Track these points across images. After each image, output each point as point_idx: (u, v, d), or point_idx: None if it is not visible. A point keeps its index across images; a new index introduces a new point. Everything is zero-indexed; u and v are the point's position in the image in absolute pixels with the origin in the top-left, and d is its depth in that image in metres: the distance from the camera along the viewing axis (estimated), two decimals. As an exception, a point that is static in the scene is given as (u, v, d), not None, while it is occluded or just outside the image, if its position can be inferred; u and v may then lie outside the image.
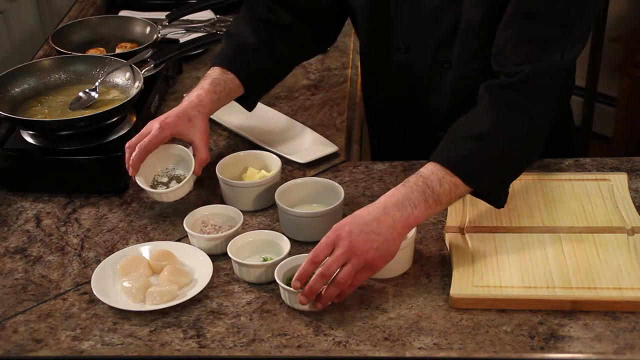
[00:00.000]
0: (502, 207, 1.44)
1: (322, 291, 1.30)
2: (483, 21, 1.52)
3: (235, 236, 1.44)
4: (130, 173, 1.53)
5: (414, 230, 1.40)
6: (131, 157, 1.52)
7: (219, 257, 1.45)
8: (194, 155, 1.55)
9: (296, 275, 1.30)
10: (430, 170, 1.37)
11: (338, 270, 1.29)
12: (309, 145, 1.75)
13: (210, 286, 1.38)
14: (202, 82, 1.62)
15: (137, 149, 1.52)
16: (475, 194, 1.42)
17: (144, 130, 1.54)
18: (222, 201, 1.60)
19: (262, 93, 1.75)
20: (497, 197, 1.43)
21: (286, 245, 1.41)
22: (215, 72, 1.63)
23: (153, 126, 1.53)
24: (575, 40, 1.44)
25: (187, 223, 1.48)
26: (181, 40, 2.11)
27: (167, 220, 1.56)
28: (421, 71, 1.66)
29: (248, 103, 1.71)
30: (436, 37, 1.60)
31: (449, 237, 1.45)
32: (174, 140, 1.57)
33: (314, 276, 1.29)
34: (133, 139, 1.54)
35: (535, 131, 1.43)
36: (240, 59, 1.65)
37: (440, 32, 1.59)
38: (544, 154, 1.68)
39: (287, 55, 1.73)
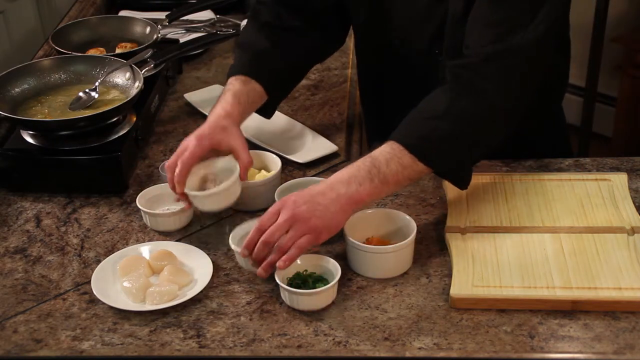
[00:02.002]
0: (465, 188, 1.47)
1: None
2: (464, 13, 1.53)
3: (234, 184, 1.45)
4: (177, 191, 1.48)
5: (414, 231, 1.40)
6: (175, 175, 1.46)
7: (219, 257, 1.45)
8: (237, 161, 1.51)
9: (244, 243, 1.35)
10: (380, 151, 1.40)
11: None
12: (309, 145, 1.75)
13: (210, 286, 1.38)
14: (224, 96, 1.57)
15: (179, 165, 1.46)
16: (437, 173, 1.45)
17: (180, 149, 1.49)
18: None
19: (282, 98, 1.75)
20: (456, 177, 1.46)
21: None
22: (234, 84, 1.60)
23: (189, 141, 1.49)
24: (539, 20, 1.43)
25: (189, 185, 1.47)
26: (181, 40, 2.11)
27: (167, 220, 1.56)
28: (416, 65, 1.67)
29: (268, 110, 1.69)
30: (429, 30, 1.62)
31: (449, 237, 1.45)
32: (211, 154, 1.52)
33: (260, 241, 1.34)
34: (172, 159, 1.48)
35: (493, 111, 1.43)
36: (259, 65, 1.63)
37: (432, 25, 1.61)
38: (543, 154, 1.68)
39: (301, 59, 1.73)
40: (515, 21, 1.43)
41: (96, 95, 1.72)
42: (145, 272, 1.40)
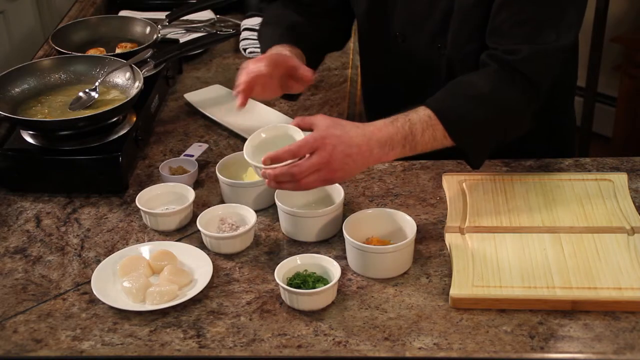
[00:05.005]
0: (478, 168, 1.52)
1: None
2: (475, 5, 1.55)
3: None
4: (240, 100, 1.52)
5: (414, 231, 1.40)
6: (241, 82, 1.53)
7: (219, 257, 1.45)
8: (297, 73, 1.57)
9: (272, 154, 1.35)
10: (419, 117, 1.43)
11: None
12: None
13: (210, 286, 1.38)
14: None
15: (245, 75, 1.53)
16: (454, 149, 1.48)
17: (241, 73, 1.54)
18: (222, 201, 1.60)
19: (315, 68, 1.76)
20: (475, 157, 1.51)
21: None
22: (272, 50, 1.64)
23: (249, 63, 1.55)
24: (569, 21, 1.49)
25: (201, 222, 1.48)
26: (181, 40, 2.11)
27: (167, 220, 1.56)
28: (419, 59, 1.68)
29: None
30: (432, 24, 1.63)
31: (449, 237, 1.45)
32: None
33: (284, 168, 1.34)
34: (241, 79, 1.53)
35: (526, 107, 1.50)
36: (295, 34, 1.69)
37: (435, 19, 1.62)
38: (544, 154, 1.68)
39: (325, 39, 1.79)
40: (546, 21, 1.48)
41: (96, 95, 1.72)
42: (145, 272, 1.40)
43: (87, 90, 1.73)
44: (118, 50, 1.96)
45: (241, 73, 1.55)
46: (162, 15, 2.16)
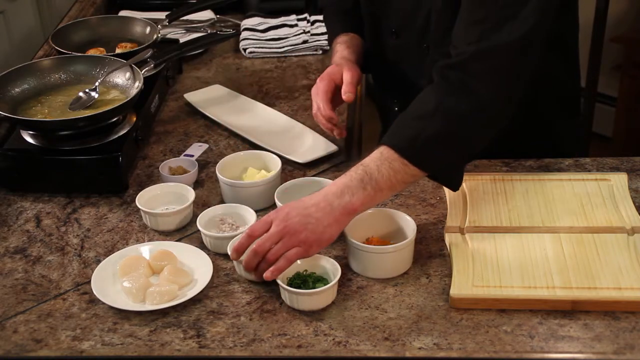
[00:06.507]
0: (457, 189, 1.48)
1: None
2: (444, 7, 1.54)
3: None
4: (332, 122, 1.66)
5: (414, 231, 1.40)
6: (322, 112, 1.65)
7: (219, 257, 1.45)
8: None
9: (233, 246, 1.37)
10: (371, 157, 1.40)
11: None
12: (309, 145, 1.75)
13: (210, 286, 1.38)
14: (334, 50, 1.79)
15: (319, 104, 1.66)
16: (428, 175, 1.44)
17: (314, 92, 1.68)
18: (222, 201, 1.60)
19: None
20: (447, 178, 1.46)
21: None
22: (338, 41, 1.80)
23: (317, 85, 1.68)
24: (524, 17, 1.41)
25: (201, 222, 1.48)
26: (181, 40, 2.11)
27: (167, 220, 1.56)
28: (410, 56, 1.69)
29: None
30: (418, 23, 1.63)
31: (449, 237, 1.45)
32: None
33: (248, 251, 1.35)
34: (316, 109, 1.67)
35: (482, 110, 1.41)
36: (350, 21, 1.83)
37: (421, 18, 1.62)
38: (547, 152, 1.68)
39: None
40: (500, 18, 1.41)
41: (96, 95, 1.72)
42: (145, 272, 1.40)
43: (87, 90, 1.73)
44: (118, 50, 1.96)
45: (320, 98, 1.66)
46: (162, 15, 2.16)
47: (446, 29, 1.52)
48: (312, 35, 2.24)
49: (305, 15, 2.34)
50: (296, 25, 2.29)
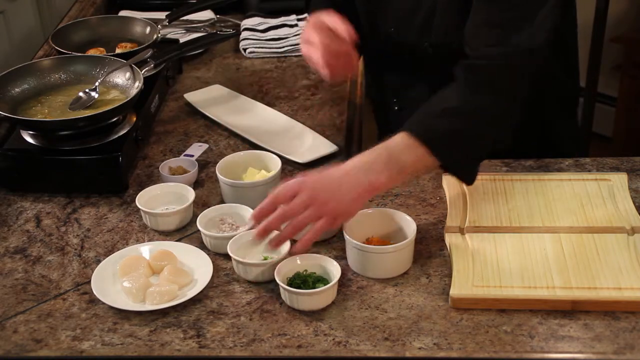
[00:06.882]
0: (471, 184, 1.49)
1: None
2: (450, 5, 1.55)
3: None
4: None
5: (414, 231, 1.40)
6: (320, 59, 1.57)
7: (219, 257, 1.45)
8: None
9: (255, 212, 1.34)
10: (395, 142, 1.40)
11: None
12: (309, 145, 1.75)
13: (210, 286, 1.38)
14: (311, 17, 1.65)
15: (317, 55, 1.56)
16: (443, 168, 1.46)
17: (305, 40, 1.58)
18: (222, 201, 1.60)
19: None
20: (464, 172, 1.47)
21: (286, 244, 1.41)
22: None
23: (309, 33, 1.57)
24: (540, 22, 1.45)
25: (201, 222, 1.48)
26: (181, 40, 2.12)
27: (167, 220, 1.56)
28: (409, 54, 1.69)
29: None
30: (418, 21, 1.63)
31: (449, 237, 1.45)
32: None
33: (275, 214, 1.33)
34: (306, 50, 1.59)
35: (503, 111, 1.46)
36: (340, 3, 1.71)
37: (421, 16, 1.62)
38: (547, 152, 1.69)
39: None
40: (517, 23, 1.45)
41: (96, 95, 1.72)
42: (145, 272, 1.40)
43: (87, 90, 1.73)
44: (118, 50, 1.96)
45: (309, 49, 1.57)
46: (162, 15, 2.16)
47: (451, 28, 1.54)
48: (312, 35, 2.24)
49: (305, 15, 2.34)
50: (296, 25, 2.29)
